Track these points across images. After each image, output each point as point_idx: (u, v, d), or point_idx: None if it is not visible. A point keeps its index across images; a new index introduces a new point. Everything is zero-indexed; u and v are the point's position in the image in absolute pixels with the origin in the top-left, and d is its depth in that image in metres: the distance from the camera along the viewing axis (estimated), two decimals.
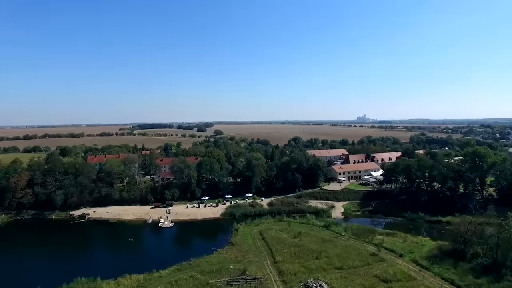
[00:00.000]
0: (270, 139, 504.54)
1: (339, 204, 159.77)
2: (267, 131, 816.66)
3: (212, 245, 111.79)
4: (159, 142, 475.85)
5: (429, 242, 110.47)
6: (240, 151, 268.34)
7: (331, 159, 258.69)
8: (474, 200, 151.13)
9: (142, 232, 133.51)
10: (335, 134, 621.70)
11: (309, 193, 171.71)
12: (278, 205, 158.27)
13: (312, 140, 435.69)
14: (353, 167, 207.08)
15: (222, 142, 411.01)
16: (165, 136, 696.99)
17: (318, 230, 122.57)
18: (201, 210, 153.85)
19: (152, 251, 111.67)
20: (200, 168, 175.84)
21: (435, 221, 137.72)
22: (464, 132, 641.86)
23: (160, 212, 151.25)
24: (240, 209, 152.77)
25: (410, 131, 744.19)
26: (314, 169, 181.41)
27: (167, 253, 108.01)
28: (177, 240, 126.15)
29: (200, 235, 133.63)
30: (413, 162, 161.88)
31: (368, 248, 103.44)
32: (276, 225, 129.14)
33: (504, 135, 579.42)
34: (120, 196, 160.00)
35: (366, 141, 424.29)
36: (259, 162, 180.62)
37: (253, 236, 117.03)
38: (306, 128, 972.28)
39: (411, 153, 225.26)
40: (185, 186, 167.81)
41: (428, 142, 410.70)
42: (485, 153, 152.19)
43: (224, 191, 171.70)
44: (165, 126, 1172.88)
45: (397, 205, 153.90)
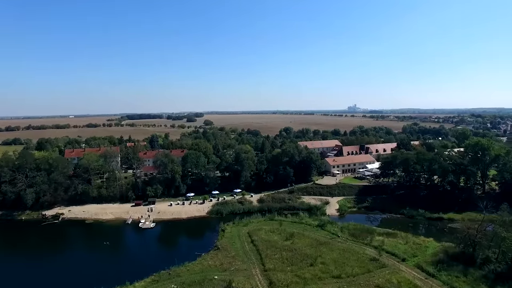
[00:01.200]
0: (261, 129, 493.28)
1: (334, 200, 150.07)
2: (258, 121, 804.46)
3: (196, 249, 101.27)
4: (146, 133, 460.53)
5: (432, 243, 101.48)
6: (229, 143, 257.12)
7: (324, 150, 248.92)
8: (476, 195, 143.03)
9: (120, 234, 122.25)
10: (326, 124, 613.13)
11: (301, 188, 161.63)
12: (269, 201, 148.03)
13: (303, 130, 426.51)
14: (347, 159, 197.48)
15: (211, 133, 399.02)
16: (153, 127, 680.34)
17: (312, 231, 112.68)
18: (185, 208, 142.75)
19: (129, 257, 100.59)
20: (185, 162, 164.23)
21: (436, 218, 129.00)
22: (455, 122, 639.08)
23: (142, 210, 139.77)
24: (228, 206, 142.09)
25: (401, 120, 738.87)
26: (307, 162, 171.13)
27: (145, 259, 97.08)
28: (158, 242, 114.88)
29: (184, 237, 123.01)
30: (412, 154, 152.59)
31: (368, 252, 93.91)
32: (267, 225, 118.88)
33: (495, 125, 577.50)
34: (98, 193, 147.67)
35: (359, 131, 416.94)
36: (249, 155, 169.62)
37: (241, 238, 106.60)
38: (297, 118, 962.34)
39: (406, 145, 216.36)
40: (169, 181, 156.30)
41: (421, 132, 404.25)
42: (488, 145, 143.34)
43: (211, 186, 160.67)
44: (154, 116, 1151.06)
45: (395, 200, 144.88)
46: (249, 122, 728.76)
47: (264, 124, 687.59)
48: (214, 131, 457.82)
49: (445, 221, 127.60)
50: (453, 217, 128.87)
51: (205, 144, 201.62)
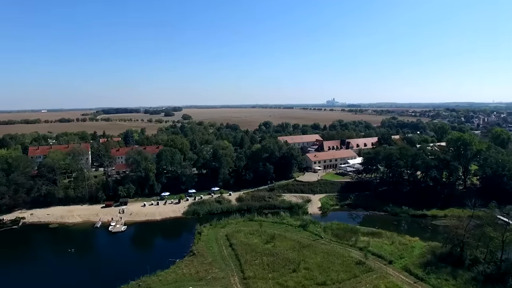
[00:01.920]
0: (240, 123, 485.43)
1: (316, 197, 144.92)
2: (237, 115, 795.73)
3: (170, 254, 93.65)
4: (122, 128, 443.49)
5: (418, 243, 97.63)
6: (207, 138, 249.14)
7: (305, 145, 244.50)
8: (458, 191, 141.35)
9: (88, 240, 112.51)
10: (306, 118, 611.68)
11: (282, 185, 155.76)
12: (248, 200, 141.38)
13: (283, 125, 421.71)
14: (328, 155, 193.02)
15: (189, 128, 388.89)
16: (129, 122, 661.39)
17: (294, 231, 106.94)
18: (160, 209, 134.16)
19: (96, 266, 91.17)
20: (160, 159, 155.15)
21: (419, 215, 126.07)
22: (431, 115, 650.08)
23: (113, 212, 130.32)
24: (205, 206, 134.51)
25: (380, 114, 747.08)
26: (287, 158, 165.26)
27: (114, 268, 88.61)
28: (129, 248, 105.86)
29: (157, 241, 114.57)
30: (395, 150, 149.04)
31: (353, 255, 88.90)
32: (246, 226, 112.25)
33: (468, 119, 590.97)
34: (65, 194, 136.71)
35: (338, 125, 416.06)
36: (227, 152, 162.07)
37: (219, 242, 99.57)
38: (277, 112, 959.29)
39: (387, 139, 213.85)
40: (142, 180, 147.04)
41: (400, 126, 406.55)
42: (471, 140, 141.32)
43: (188, 185, 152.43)
44: (131, 110, 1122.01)
45: (378, 197, 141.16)
46: (228, 116, 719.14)
47: (244, 118, 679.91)
48: (192, 125, 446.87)
49: (428, 218, 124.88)
50: (437, 214, 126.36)
51: (181, 140, 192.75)
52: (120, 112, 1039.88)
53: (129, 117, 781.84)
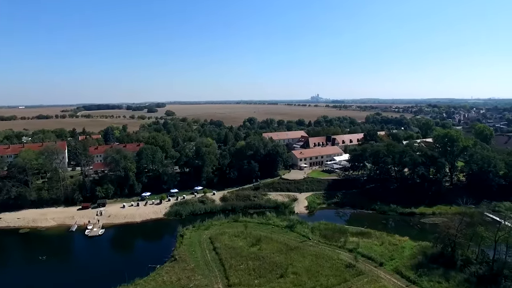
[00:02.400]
0: (224, 120, 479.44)
1: (302, 196, 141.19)
2: (222, 111, 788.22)
3: (150, 260, 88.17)
4: (103, 125, 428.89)
5: (409, 243, 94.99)
6: (190, 135, 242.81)
7: (290, 142, 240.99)
8: (445, 188, 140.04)
9: (62, 245, 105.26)
10: (291, 114, 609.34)
11: (267, 183, 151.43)
12: (233, 199, 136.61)
13: (268, 121, 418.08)
14: (314, 151, 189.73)
15: (172, 124, 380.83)
16: (111, 118, 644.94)
17: (281, 233, 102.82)
18: (140, 210, 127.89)
19: (70, 274, 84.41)
20: (140, 157, 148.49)
21: (408, 213, 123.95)
22: (414, 111, 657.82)
23: (90, 214, 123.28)
24: (187, 206, 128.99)
25: (363, 110, 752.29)
26: (272, 155, 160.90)
27: (89, 277, 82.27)
28: (106, 254, 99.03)
29: (137, 245, 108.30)
30: (382, 147, 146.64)
31: (342, 257, 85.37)
32: (230, 228, 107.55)
33: (450, 114, 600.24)
34: (38, 196, 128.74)
35: (323, 121, 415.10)
36: (210, 149, 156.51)
37: (202, 246, 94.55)
38: (261, 108, 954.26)
39: (373, 135, 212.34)
40: (121, 180, 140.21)
41: (384, 122, 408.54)
42: (457, 136, 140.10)
43: (170, 184, 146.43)
44: (113, 107, 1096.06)
45: (366, 195, 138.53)
46: (212, 112, 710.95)
47: (228, 114, 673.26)
48: (175, 122, 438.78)
49: (417, 215, 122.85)
50: (425, 211, 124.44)
51: (163, 138, 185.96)
52: (101, 108, 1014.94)
53: (110, 113, 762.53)
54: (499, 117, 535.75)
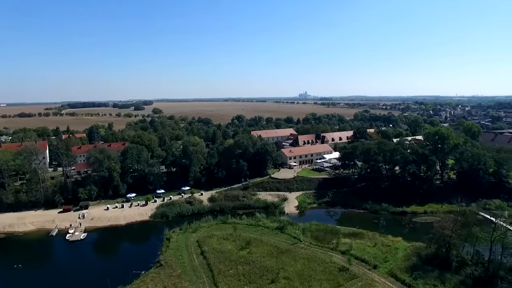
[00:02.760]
0: (212, 117, 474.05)
1: (292, 195, 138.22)
2: (210, 108, 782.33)
3: (134, 266, 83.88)
4: (88, 123, 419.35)
5: (402, 243, 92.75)
6: (177, 133, 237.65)
7: (279, 140, 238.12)
8: (435, 186, 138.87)
9: (40, 251, 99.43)
10: (279, 111, 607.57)
11: (256, 183, 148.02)
12: (221, 200, 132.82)
13: (256, 118, 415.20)
14: (304, 150, 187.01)
15: (159, 122, 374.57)
16: (96, 116, 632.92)
17: (271, 235, 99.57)
18: (125, 212, 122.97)
19: (46, 284, 79.50)
20: (125, 157, 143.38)
21: (399, 212, 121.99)
22: (401, 109, 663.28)
23: (72, 217, 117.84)
24: (174, 208, 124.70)
25: (352, 108, 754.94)
26: (262, 154, 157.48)
27: (67, 287, 77.88)
28: (88, 259, 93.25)
29: (121, 249, 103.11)
30: (373, 144, 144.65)
31: (335, 260, 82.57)
32: (219, 230, 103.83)
33: (436, 112, 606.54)
34: (15, 199, 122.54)
35: (312, 119, 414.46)
36: (198, 148, 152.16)
37: (190, 250, 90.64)
38: (249, 105, 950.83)
39: (363, 133, 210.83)
40: (105, 181, 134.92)
41: (372, 119, 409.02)
42: (448, 134, 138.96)
43: (156, 184, 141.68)
44: (99, 105, 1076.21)
45: (357, 194, 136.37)
46: (200, 110, 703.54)
47: (216, 112, 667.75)
48: (162, 120, 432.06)
49: (408, 214, 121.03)
50: (416, 210, 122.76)
51: (149, 136, 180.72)
52: (87, 106, 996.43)
53: (96, 111, 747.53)
54: (484, 114, 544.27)
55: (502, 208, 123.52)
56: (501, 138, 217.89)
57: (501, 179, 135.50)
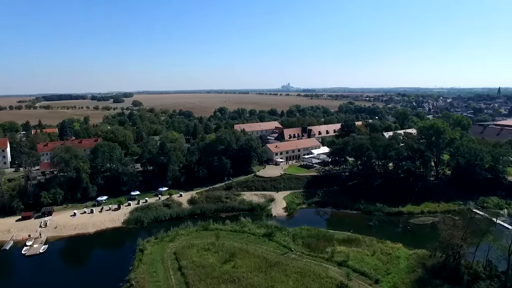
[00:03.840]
0: (194, 110, 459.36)
1: (280, 195, 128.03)
2: (192, 101, 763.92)
3: (101, 285, 72.44)
4: (63, 117, 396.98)
5: (403, 251, 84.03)
6: (156, 128, 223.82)
7: (264, 134, 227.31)
8: (430, 182, 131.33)
9: None
10: (262, 103, 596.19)
11: (241, 182, 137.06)
12: (202, 201, 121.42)
13: (239, 111, 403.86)
14: (291, 145, 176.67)
15: (138, 116, 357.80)
16: (73, 109, 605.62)
17: (258, 243, 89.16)
18: (94, 218, 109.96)
19: None
20: (95, 156, 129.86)
21: (395, 213, 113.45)
22: (385, 100, 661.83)
23: (32, 226, 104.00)
24: (150, 211, 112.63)
25: (335, 99, 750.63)
26: (246, 150, 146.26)
27: None
28: (45, 279, 78.75)
29: (87, 265, 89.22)
30: (366, 140, 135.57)
31: (332, 273, 72.86)
32: (200, 238, 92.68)
33: (419, 103, 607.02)
34: None
35: (296, 111, 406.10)
36: (176, 145, 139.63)
37: (166, 264, 79.32)
38: (232, 97, 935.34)
39: (351, 126, 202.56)
40: (73, 182, 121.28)
41: (357, 111, 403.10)
42: (444, 128, 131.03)
43: (130, 185, 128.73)
44: (77, 97, 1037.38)
45: (348, 193, 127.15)
46: (181, 102, 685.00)
47: (198, 104, 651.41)
48: (141, 113, 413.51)
49: (405, 215, 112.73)
50: (413, 210, 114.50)
51: (124, 132, 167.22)
52: (64, 98, 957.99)
53: (73, 104, 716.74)
54: (465, 106, 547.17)
55: (500, 206, 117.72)
56: (490, 130, 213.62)
57: (498, 175, 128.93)
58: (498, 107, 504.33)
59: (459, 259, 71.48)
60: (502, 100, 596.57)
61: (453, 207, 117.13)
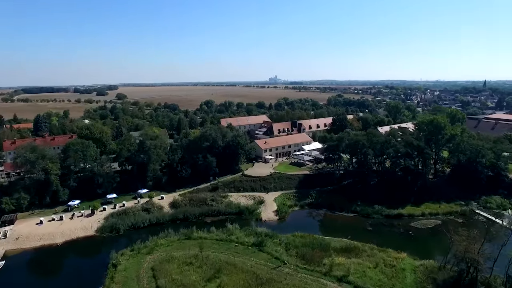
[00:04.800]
0: (180, 103, 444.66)
1: (270, 196, 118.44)
2: (178, 93, 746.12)
3: None
4: (42, 110, 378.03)
5: (408, 261, 75.52)
6: (138, 123, 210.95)
7: (252, 128, 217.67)
8: (429, 181, 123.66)
9: None
10: (250, 96, 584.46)
11: (227, 182, 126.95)
12: (185, 204, 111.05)
13: (226, 104, 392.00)
14: (281, 140, 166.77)
15: (121, 109, 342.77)
16: (53, 102, 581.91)
17: (247, 254, 79.48)
18: (64, 226, 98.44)
19: None
20: (67, 155, 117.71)
21: (395, 215, 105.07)
22: (373, 93, 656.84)
23: None
24: (128, 217, 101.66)
25: (323, 92, 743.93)
26: (233, 147, 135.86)
27: None
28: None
29: (50, 284, 77.27)
30: (362, 136, 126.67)
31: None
32: (181, 249, 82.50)
33: (407, 96, 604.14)
34: None
35: (284, 103, 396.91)
36: (157, 142, 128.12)
37: (141, 282, 68.97)
38: (219, 90, 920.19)
39: (343, 120, 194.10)
40: (41, 185, 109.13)
41: (347, 104, 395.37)
42: (445, 123, 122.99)
43: (106, 187, 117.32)
44: (59, 89, 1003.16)
45: (343, 193, 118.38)
46: (167, 95, 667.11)
47: (184, 96, 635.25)
48: (125, 106, 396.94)
49: (405, 218, 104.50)
50: (413, 212, 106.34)
51: (101, 128, 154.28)
52: (45, 91, 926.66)
53: (54, 97, 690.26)
54: (452, 99, 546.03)
55: (504, 207, 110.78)
56: (484, 124, 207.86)
57: (500, 173, 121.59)
58: (485, 100, 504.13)
59: (476, 274, 63.15)
60: (488, 93, 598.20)
61: (455, 208, 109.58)
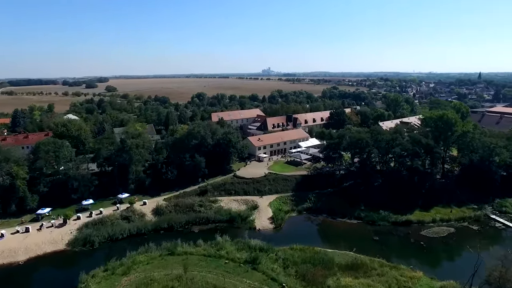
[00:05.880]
0: (171, 95, 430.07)
1: (264, 200, 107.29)
2: (169, 85, 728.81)
3: None
4: (27, 104, 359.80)
5: (425, 281, 65.62)
6: (123, 118, 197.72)
7: (244, 123, 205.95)
8: (438, 182, 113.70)
9: None
10: (243, 88, 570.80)
11: (217, 184, 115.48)
12: (170, 211, 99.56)
13: (218, 96, 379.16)
14: (275, 137, 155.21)
15: (109, 102, 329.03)
16: (39, 96, 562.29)
17: (239, 274, 68.45)
18: (30, 239, 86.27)
19: None
20: (37, 157, 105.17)
21: (403, 222, 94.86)
22: (368, 85, 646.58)
23: None
24: (104, 227, 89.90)
25: (317, 84, 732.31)
26: (223, 145, 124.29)
27: None
28: None
29: None
30: (365, 134, 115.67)
31: None
32: (163, 267, 71.21)
33: (403, 88, 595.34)
34: None
35: (278, 96, 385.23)
36: (139, 141, 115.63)
37: None
38: (212, 82, 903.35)
39: (341, 114, 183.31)
40: (5, 192, 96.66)
41: (342, 96, 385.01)
42: (456, 119, 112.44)
43: (82, 192, 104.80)
44: (47, 82, 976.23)
45: (345, 196, 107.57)
46: (158, 87, 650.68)
47: (176, 89, 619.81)
48: (113, 99, 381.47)
49: (414, 225, 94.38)
50: (423, 219, 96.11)
51: (79, 124, 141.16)
52: (33, 83, 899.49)
53: (41, 89, 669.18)
54: (448, 91, 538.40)
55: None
56: (488, 118, 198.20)
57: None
58: (481, 93, 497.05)
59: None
60: (483, 85, 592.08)
61: (467, 212, 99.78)
